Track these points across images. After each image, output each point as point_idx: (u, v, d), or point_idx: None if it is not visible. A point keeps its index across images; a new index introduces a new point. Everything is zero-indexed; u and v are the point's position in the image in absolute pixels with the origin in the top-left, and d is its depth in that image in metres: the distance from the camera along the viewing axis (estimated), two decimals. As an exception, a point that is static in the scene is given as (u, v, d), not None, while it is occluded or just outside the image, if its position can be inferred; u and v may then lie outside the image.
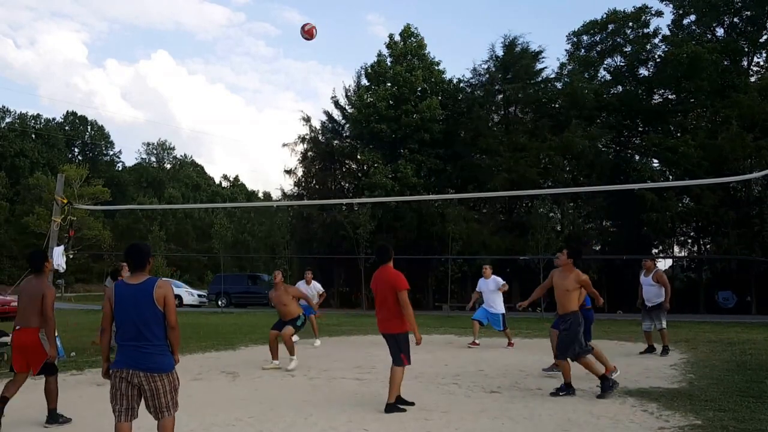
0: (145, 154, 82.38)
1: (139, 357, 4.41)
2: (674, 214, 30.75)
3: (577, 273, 7.57)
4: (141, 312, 4.43)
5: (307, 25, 8.96)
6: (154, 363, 4.43)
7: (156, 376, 4.43)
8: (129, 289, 4.49)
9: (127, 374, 4.41)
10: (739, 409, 6.49)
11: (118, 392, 4.46)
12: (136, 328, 4.43)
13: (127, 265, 4.63)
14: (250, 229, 49.11)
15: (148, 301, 4.43)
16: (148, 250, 4.70)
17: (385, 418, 6.41)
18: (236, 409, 6.74)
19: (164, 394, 4.47)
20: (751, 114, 29.34)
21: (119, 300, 4.50)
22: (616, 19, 36.39)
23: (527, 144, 32.88)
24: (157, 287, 4.46)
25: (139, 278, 4.53)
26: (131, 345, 4.44)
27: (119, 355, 4.50)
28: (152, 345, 4.44)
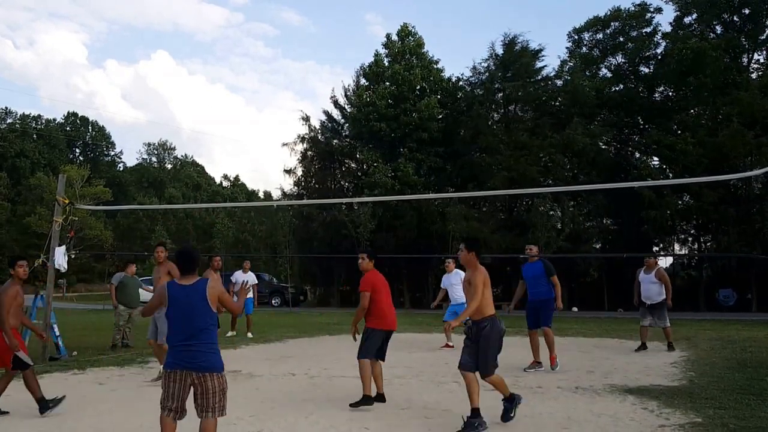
0: (146, 154, 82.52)
1: (190, 357, 4.56)
2: (674, 211, 30.75)
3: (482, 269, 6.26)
4: (193, 313, 4.61)
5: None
6: (205, 362, 4.57)
7: (207, 375, 4.57)
8: (182, 291, 4.67)
9: (181, 375, 4.57)
10: (739, 407, 6.51)
11: (170, 393, 4.62)
12: (188, 329, 4.59)
13: (179, 269, 4.82)
14: (250, 229, 49.13)
15: (201, 302, 4.62)
16: (197, 254, 4.97)
17: (386, 417, 6.43)
18: (237, 408, 6.75)
19: (213, 394, 4.60)
20: (752, 111, 29.31)
21: (172, 301, 4.66)
22: (619, 17, 36.38)
23: (527, 142, 32.86)
24: (209, 288, 4.65)
25: (190, 280, 4.71)
26: (183, 345, 4.59)
27: (171, 356, 4.65)
28: (204, 344, 4.60)
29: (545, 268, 9.47)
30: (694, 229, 35.15)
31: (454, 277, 12.25)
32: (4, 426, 6.08)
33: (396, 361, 10.43)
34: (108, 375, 8.96)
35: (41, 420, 6.31)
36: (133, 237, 56.63)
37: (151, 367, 9.86)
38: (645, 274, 11.61)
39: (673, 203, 30.36)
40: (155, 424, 5.12)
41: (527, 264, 9.83)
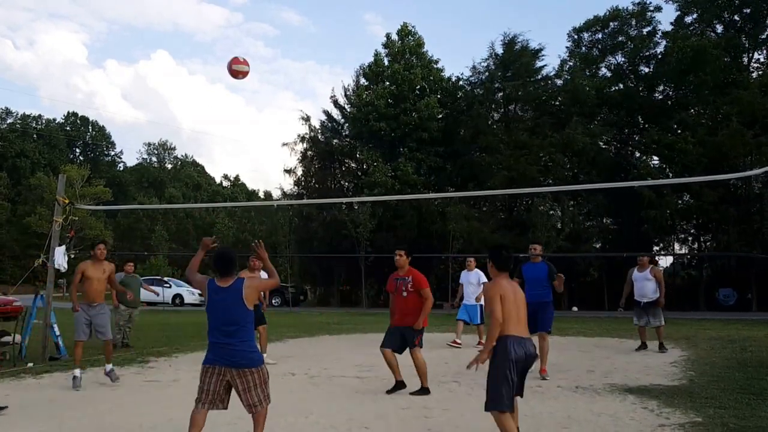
0: (146, 154, 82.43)
1: (229, 355, 4.79)
2: (674, 211, 30.75)
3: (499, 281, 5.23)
4: (231, 312, 4.83)
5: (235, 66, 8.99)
6: (244, 359, 4.81)
7: (247, 371, 4.81)
8: (219, 292, 4.89)
9: (219, 371, 4.81)
10: (739, 407, 6.51)
11: (206, 387, 4.85)
12: (226, 328, 4.81)
13: (218, 272, 4.98)
14: (250, 229, 49.12)
15: (238, 302, 4.84)
16: (234, 256, 5.18)
17: (387, 416, 6.43)
18: (237, 408, 6.72)
19: (255, 387, 4.85)
20: (752, 110, 29.32)
21: (211, 301, 4.91)
22: (618, 17, 36.38)
23: (527, 142, 32.87)
24: (245, 287, 4.88)
25: (228, 281, 4.92)
26: (222, 343, 4.82)
27: (210, 353, 4.88)
28: (242, 342, 4.82)
29: (549, 272, 8.88)
30: (694, 228, 35.16)
31: (473, 276, 12.50)
32: (4, 426, 6.08)
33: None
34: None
35: (41, 420, 6.31)
36: (133, 237, 56.61)
37: (152, 367, 9.86)
38: (638, 273, 11.54)
39: (673, 203, 30.37)
40: (156, 423, 5.16)
41: (529, 264, 9.23)
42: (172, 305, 32.65)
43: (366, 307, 31.15)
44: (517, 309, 4.97)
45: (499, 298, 4.89)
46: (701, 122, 32.32)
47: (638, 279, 11.50)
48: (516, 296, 5.02)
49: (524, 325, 4.99)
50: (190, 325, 18.74)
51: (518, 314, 4.96)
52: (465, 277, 12.74)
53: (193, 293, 34.73)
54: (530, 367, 5.01)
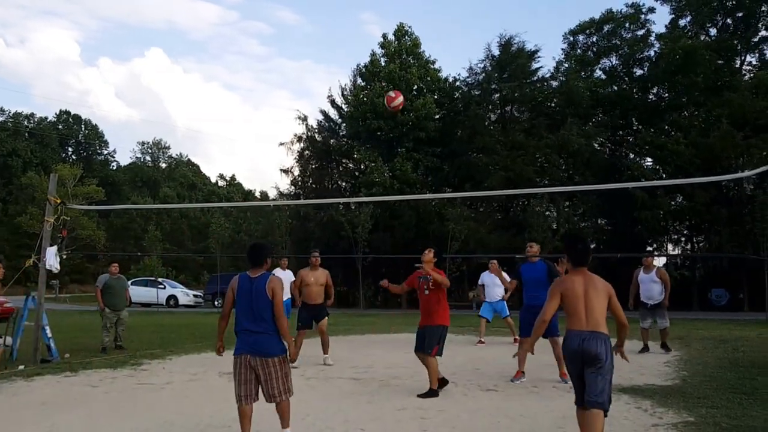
0: (140, 153, 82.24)
1: (254, 342, 5.13)
2: (667, 212, 30.89)
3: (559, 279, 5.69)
4: (257, 302, 5.16)
5: (394, 100, 9.18)
6: (267, 348, 5.13)
7: (269, 360, 5.12)
8: (249, 283, 5.24)
9: (245, 359, 5.13)
10: (731, 406, 6.56)
11: (240, 377, 5.17)
12: (252, 317, 5.15)
13: (249, 262, 5.34)
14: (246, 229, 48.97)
15: (263, 293, 5.15)
16: (267, 249, 5.51)
17: (382, 417, 6.44)
18: (233, 410, 6.71)
19: (276, 378, 5.14)
20: (743, 112, 29.50)
21: (240, 291, 5.24)
22: (612, 19, 36.54)
23: (524, 142, 33.02)
24: (269, 281, 5.20)
25: (257, 273, 5.27)
26: (248, 331, 5.17)
27: (239, 341, 5.22)
28: (266, 332, 5.14)
29: (549, 271, 8.51)
30: (686, 229, 35.33)
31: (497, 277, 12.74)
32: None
33: (392, 361, 10.46)
34: (100, 377, 8.92)
35: (32, 423, 6.29)
36: (126, 237, 56.44)
37: (145, 369, 9.83)
38: (644, 274, 11.41)
39: (666, 204, 30.52)
40: (149, 427, 5.16)
41: (527, 264, 8.90)
42: (166, 306, 32.54)
43: (363, 308, 31.14)
44: (583, 304, 4.86)
45: (558, 296, 4.96)
46: (694, 124, 32.51)
47: (644, 281, 11.38)
48: (587, 291, 4.91)
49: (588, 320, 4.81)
50: (184, 326, 18.69)
51: (581, 310, 4.84)
52: (489, 278, 13.02)
53: (187, 294, 34.60)
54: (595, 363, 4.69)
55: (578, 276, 5.02)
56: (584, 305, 4.86)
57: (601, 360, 4.68)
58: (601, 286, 4.99)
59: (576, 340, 4.78)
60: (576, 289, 4.91)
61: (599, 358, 4.68)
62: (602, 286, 5.00)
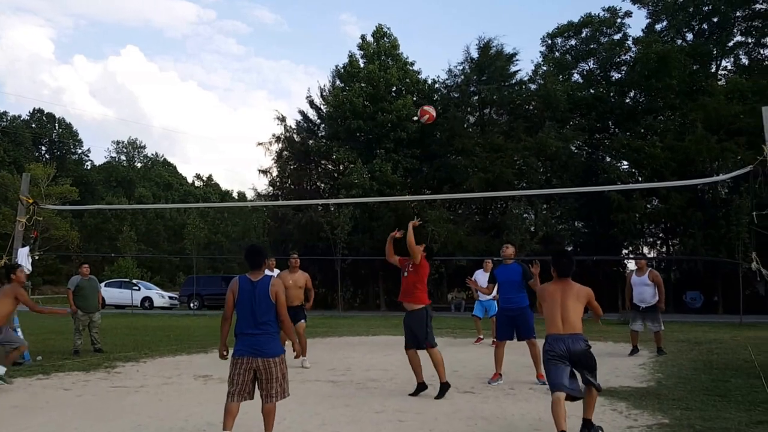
0: (115, 152, 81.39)
1: (256, 344, 5.17)
2: (642, 214, 31.21)
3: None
4: (258, 304, 5.21)
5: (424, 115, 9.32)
6: (269, 349, 5.18)
7: (270, 360, 5.17)
8: (250, 285, 5.27)
9: (247, 361, 5.16)
10: (705, 408, 6.62)
11: (236, 377, 5.19)
12: (253, 319, 5.20)
13: (249, 265, 5.35)
14: (223, 230, 48.67)
15: (265, 295, 5.21)
16: (264, 251, 5.53)
17: (360, 420, 6.41)
18: (208, 413, 6.67)
19: (276, 379, 5.20)
20: (717, 117, 29.92)
21: (241, 294, 5.27)
22: (590, 23, 36.89)
23: (502, 145, 33.20)
24: (271, 285, 5.26)
25: (257, 275, 5.32)
26: (249, 333, 5.20)
27: (239, 344, 5.24)
28: (267, 334, 5.20)
29: (524, 273, 8.46)
30: (662, 232, 35.70)
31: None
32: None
33: (371, 364, 10.43)
34: (73, 380, 8.79)
35: (4, 427, 6.17)
36: (100, 238, 55.76)
37: (119, 372, 9.71)
38: (637, 277, 11.31)
39: (641, 207, 30.83)
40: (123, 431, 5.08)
41: (502, 266, 8.86)
42: (141, 308, 32.20)
43: (342, 311, 31.06)
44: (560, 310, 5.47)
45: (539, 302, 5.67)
46: (669, 128, 32.93)
47: (637, 284, 11.28)
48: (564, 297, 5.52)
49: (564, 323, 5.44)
50: (159, 329, 18.51)
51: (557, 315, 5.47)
52: (483, 277, 13.11)
53: (162, 296, 34.25)
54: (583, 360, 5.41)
55: (559, 285, 5.65)
56: (560, 312, 5.48)
57: (585, 353, 5.44)
58: (581, 294, 5.58)
59: (560, 344, 5.39)
60: (554, 295, 5.57)
61: (584, 353, 5.43)
62: (582, 294, 5.59)
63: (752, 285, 27.19)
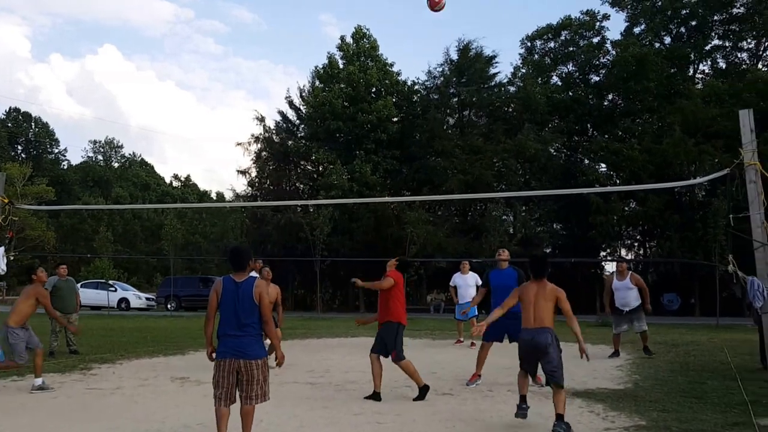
0: (92, 152, 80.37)
1: (239, 346, 5.13)
2: (620, 217, 31.48)
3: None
4: (241, 306, 5.15)
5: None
6: (251, 351, 5.14)
7: (252, 363, 5.13)
8: (234, 286, 5.22)
9: (230, 363, 5.13)
10: (682, 410, 6.67)
11: (221, 379, 5.16)
12: (236, 320, 5.15)
13: (232, 266, 5.32)
14: (201, 231, 48.30)
15: (248, 297, 5.16)
16: (248, 252, 5.49)
17: (338, 422, 6.38)
18: (184, 415, 6.61)
19: (257, 382, 5.16)
20: (695, 120, 30.26)
21: (225, 295, 5.22)
22: (569, 26, 37.16)
23: (482, 147, 33.31)
24: (255, 286, 5.21)
25: (241, 277, 5.27)
26: (232, 335, 5.16)
27: (222, 345, 5.21)
28: (250, 336, 5.16)
29: (519, 278, 8.24)
30: (639, 234, 36.04)
31: (470, 278, 13.25)
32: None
33: (350, 365, 10.40)
34: (48, 382, 8.65)
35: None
36: (77, 238, 55.06)
37: (94, 374, 9.59)
38: (619, 281, 11.16)
39: (619, 209, 31.09)
40: None
41: (496, 271, 8.74)
42: (117, 310, 31.84)
43: (321, 312, 30.96)
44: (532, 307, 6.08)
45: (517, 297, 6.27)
46: (647, 131, 33.27)
47: (620, 288, 11.11)
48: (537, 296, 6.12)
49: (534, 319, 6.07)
50: (136, 330, 18.32)
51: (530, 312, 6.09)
52: (461, 280, 13.33)
53: (139, 297, 33.90)
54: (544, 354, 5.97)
55: (534, 284, 6.23)
56: (533, 309, 6.07)
57: (549, 345, 5.93)
58: (550, 293, 6.14)
59: (527, 335, 6.06)
60: (529, 295, 6.16)
61: (546, 345, 5.93)
62: (551, 293, 6.15)
63: (729, 287, 27.46)
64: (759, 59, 36.03)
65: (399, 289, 7.66)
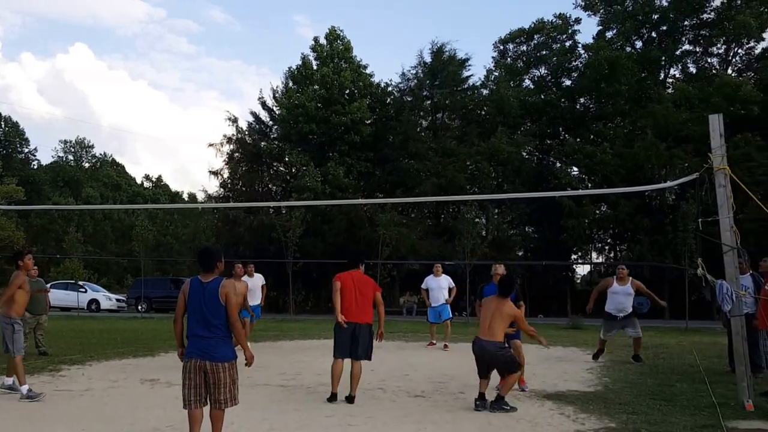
0: (62, 152, 79.08)
1: (206, 347, 5.07)
2: (591, 220, 31.81)
3: None
4: (208, 307, 5.09)
5: None
6: (217, 353, 5.07)
7: (219, 365, 5.06)
8: (200, 287, 5.17)
9: (196, 363, 5.07)
10: (651, 412, 6.75)
11: (187, 380, 5.10)
12: (203, 321, 5.09)
13: (200, 267, 5.28)
14: (173, 232, 47.79)
15: (214, 297, 5.09)
16: (217, 253, 5.38)
17: (310, 425, 6.35)
18: (154, 418, 6.53)
19: (224, 384, 5.09)
20: (666, 124, 30.72)
21: (191, 296, 5.18)
22: (542, 29, 37.49)
23: (455, 150, 33.44)
24: (221, 286, 5.13)
25: (209, 278, 5.20)
26: (200, 336, 5.10)
27: (189, 346, 5.17)
28: (216, 337, 5.09)
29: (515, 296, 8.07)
30: (610, 238, 36.45)
31: (443, 281, 13.36)
32: None
33: (322, 368, 10.33)
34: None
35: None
36: (46, 238, 54.16)
37: (63, 375, 9.44)
38: (619, 286, 10.70)
39: (591, 212, 31.41)
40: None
41: (491, 285, 8.71)
42: (87, 311, 31.36)
43: (293, 314, 30.77)
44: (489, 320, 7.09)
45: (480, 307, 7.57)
46: (619, 134, 33.68)
47: (619, 293, 10.66)
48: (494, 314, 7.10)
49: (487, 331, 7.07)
50: (106, 332, 18.07)
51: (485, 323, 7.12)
52: (434, 282, 13.34)
53: (110, 298, 33.46)
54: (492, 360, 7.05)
55: (496, 301, 7.23)
56: (489, 321, 7.07)
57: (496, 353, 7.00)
58: (507, 315, 7.11)
59: (478, 343, 7.11)
60: (489, 310, 7.15)
61: (493, 353, 6.98)
62: (507, 315, 7.11)
63: (698, 291, 27.84)
64: (729, 64, 36.70)
65: (346, 289, 7.54)
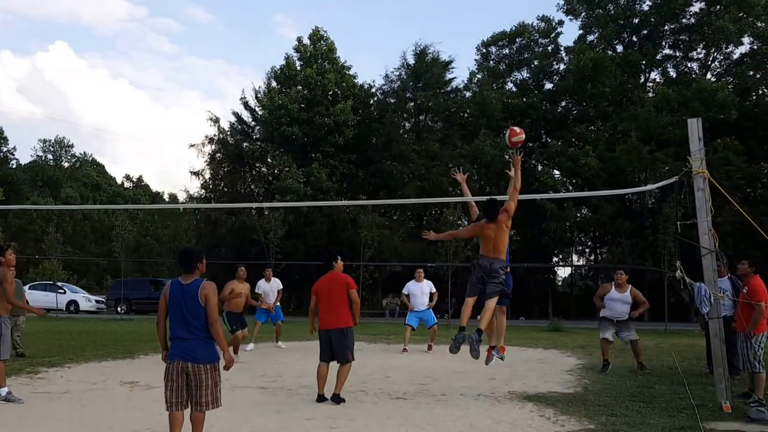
0: (42, 151, 78.20)
1: (187, 349, 5.07)
2: (573, 223, 32.01)
3: None
4: (188, 309, 5.09)
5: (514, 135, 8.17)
6: (199, 354, 5.07)
7: (201, 367, 5.05)
8: (180, 289, 5.16)
9: (177, 365, 5.06)
10: (630, 414, 6.79)
11: (170, 382, 5.09)
12: (185, 323, 5.09)
13: (181, 268, 5.27)
14: (153, 233, 47.45)
15: (194, 299, 5.08)
16: (198, 254, 5.37)
17: (290, 427, 6.33)
18: (133, 420, 6.47)
19: (206, 387, 5.07)
20: (647, 127, 31.00)
21: (172, 299, 5.16)
22: (524, 32, 37.69)
23: (438, 152, 33.50)
24: (201, 288, 5.12)
25: (189, 279, 5.20)
26: (182, 338, 5.10)
27: (172, 348, 5.16)
28: (198, 338, 5.09)
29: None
30: (591, 240, 36.72)
31: (426, 286, 13.28)
32: None
33: (303, 370, 10.31)
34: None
35: None
36: (25, 239, 53.50)
37: (42, 377, 9.34)
38: (618, 293, 10.45)
39: (572, 215, 31.61)
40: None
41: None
42: (66, 312, 31.02)
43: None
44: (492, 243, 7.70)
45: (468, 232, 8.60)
46: (601, 138, 33.93)
47: (616, 300, 10.42)
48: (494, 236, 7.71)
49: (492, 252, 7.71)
50: (85, 333, 17.88)
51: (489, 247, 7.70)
52: (416, 288, 13.23)
53: (89, 300, 33.12)
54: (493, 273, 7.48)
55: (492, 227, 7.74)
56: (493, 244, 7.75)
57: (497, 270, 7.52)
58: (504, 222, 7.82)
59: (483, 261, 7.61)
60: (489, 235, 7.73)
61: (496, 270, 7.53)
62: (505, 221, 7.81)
63: (677, 293, 28.18)
64: (708, 69, 37.14)
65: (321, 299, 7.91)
